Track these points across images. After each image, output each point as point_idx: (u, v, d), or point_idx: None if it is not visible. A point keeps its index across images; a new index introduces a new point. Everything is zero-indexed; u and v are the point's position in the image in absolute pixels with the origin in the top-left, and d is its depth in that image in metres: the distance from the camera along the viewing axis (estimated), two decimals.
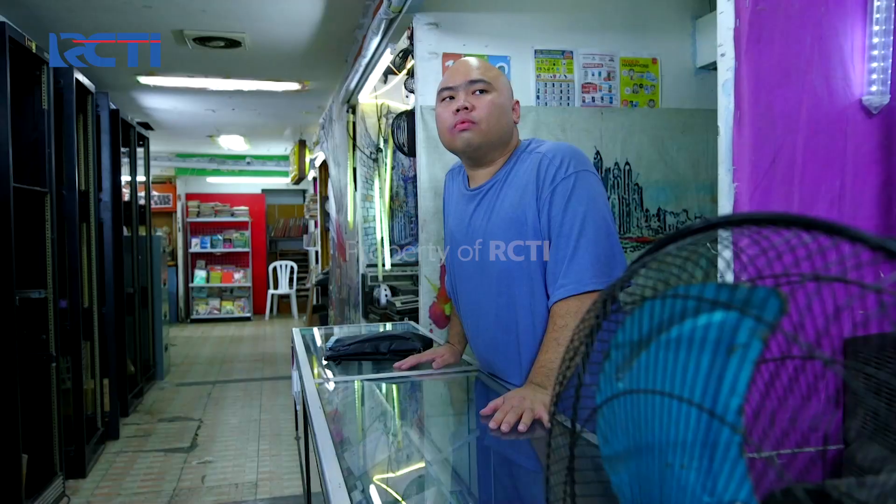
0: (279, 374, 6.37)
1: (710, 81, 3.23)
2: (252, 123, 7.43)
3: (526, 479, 1.37)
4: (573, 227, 1.50)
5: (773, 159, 0.94)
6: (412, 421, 1.73)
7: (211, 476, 3.71)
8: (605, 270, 1.48)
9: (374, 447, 1.49)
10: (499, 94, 1.67)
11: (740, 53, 0.93)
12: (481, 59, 1.78)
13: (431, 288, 2.90)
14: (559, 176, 1.55)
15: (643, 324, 0.49)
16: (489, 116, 1.65)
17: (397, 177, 4.89)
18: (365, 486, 1.20)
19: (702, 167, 3.20)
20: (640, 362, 0.48)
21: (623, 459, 0.49)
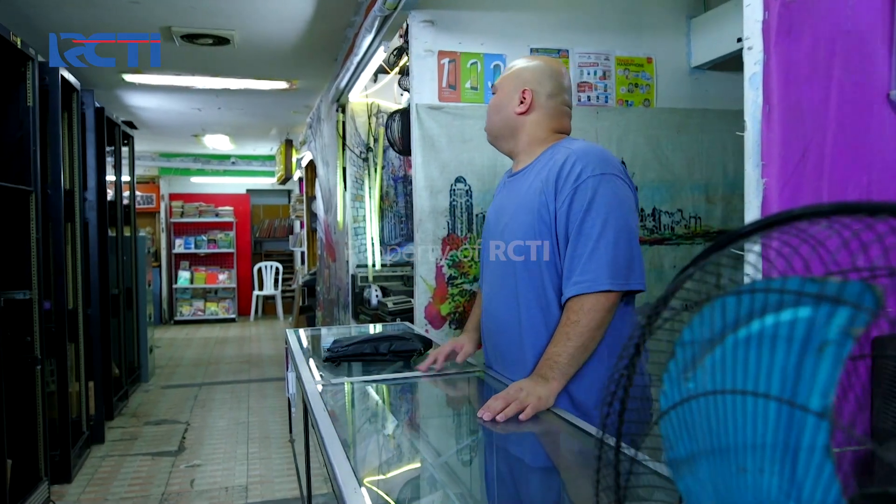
0: (266, 377, 6.30)
1: (704, 81, 3.24)
2: (238, 123, 7.35)
3: (536, 477, 1.35)
4: (594, 226, 1.50)
5: (802, 155, 0.93)
6: (416, 422, 1.70)
7: (200, 480, 3.64)
8: (622, 273, 1.48)
9: (381, 448, 1.46)
10: (500, 92, 1.80)
11: (769, 46, 0.92)
12: (512, 67, 1.83)
13: (427, 288, 2.87)
14: (584, 174, 1.55)
15: (714, 321, 0.47)
16: (490, 114, 1.84)
17: (387, 176, 4.86)
18: (377, 489, 1.17)
19: (696, 167, 3.21)
20: (713, 361, 0.46)
21: (691, 465, 0.46)
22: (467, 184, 2.91)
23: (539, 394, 1.42)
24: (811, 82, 0.91)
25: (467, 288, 2.91)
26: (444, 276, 2.88)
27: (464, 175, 2.90)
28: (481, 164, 2.92)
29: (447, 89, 2.89)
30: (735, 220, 3.27)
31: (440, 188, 2.88)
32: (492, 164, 2.92)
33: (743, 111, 2.99)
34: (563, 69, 1.81)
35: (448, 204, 2.89)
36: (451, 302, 2.89)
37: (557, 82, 1.75)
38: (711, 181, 3.23)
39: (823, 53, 0.91)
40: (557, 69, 1.77)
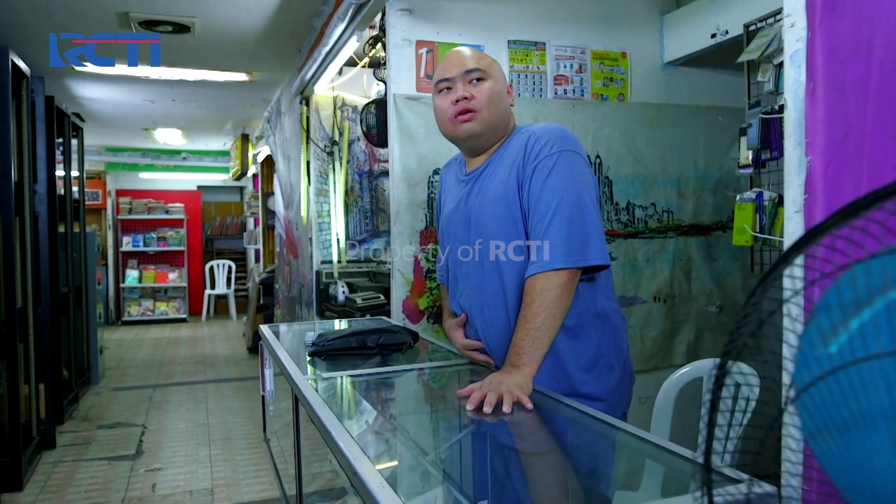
0: (223, 377, 6.13)
1: (676, 77, 3.27)
2: (192, 116, 7.13)
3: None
4: (549, 204, 1.52)
5: (844, 133, 0.91)
6: (419, 413, 1.66)
7: (162, 484, 3.50)
8: (577, 249, 1.49)
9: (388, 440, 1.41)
10: (495, 81, 1.70)
11: (814, 23, 0.90)
12: (472, 49, 1.77)
13: (405, 282, 2.82)
14: (543, 153, 1.57)
15: (858, 284, 0.44)
16: (489, 104, 1.67)
17: (352, 171, 4.78)
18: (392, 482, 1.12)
19: (668, 161, 3.24)
20: (863, 324, 0.43)
21: (837, 435, 0.43)
22: None
23: (516, 382, 1.40)
24: (853, 60, 0.90)
25: None
26: (423, 270, 2.84)
27: (441, 167, 2.85)
28: None
29: (425, 79, 2.84)
30: (705, 215, 3.32)
31: (418, 180, 2.83)
32: None
33: (715, 107, 3.03)
34: None
35: (426, 196, 2.84)
36: (430, 296, 2.84)
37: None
38: (683, 176, 3.27)
39: (865, 31, 0.90)
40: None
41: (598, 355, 1.61)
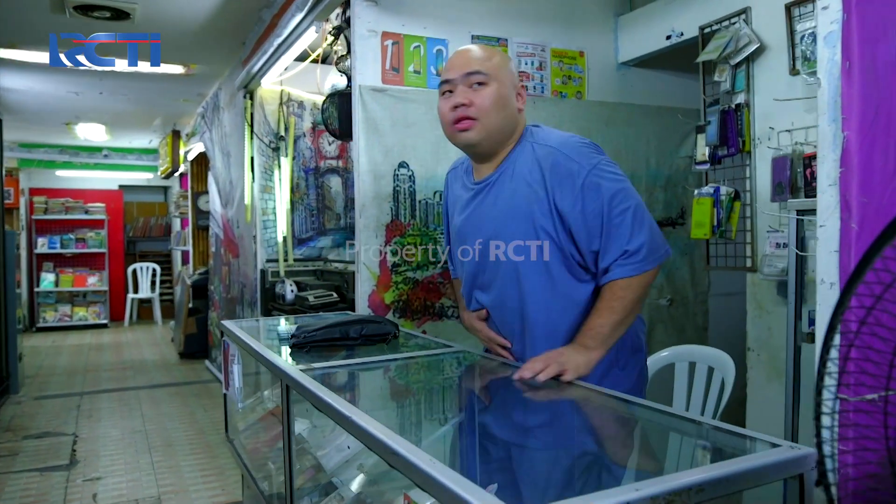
0: (155, 383, 5.86)
1: (630, 77, 3.37)
2: (119, 111, 6.79)
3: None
4: (623, 215, 1.53)
5: (876, 111, 0.96)
6: (431, 397, 1.64)
7: (104, 494, 3.31)
8: (660, 248, 1.56)
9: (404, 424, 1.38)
10: (500, 85, 1.60)
11: (850, 6, 0.95)
12: (483, 47, 1.68)
13: (371, 276, 2.78)
14: (582, 172, 1.54)
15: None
16: (489, 111, 1.58)
17: (298, 168, 4.68)
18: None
19: (623, 159, 3.32)
20: None
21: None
22: (410, 169, 2.85)
23: (578, 361, 1.42)
24: (884, 41, 0.95)
25: (411, 276, 2.85)
26: (388, 264, 2.80)
27: (407, 160, 2.84)
28: (424, 150, 2.86)
29: (391, 71, 2.81)
30: (657, 211, 3.43)
31: (384, 173, 2.79)
32: (434, 149, 2.88)
33: (667, 107, 3.13)
34: None
35: (391, 189, 2.81)
36: (395, 290, 2.81)
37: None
38: (636, 173, 3.36)
39: (892, 13, 0.95)
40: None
41: (616, 357, 1.61)
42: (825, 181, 0.98)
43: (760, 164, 2.58)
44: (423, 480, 0.92)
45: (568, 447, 1.23)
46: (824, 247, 0.98)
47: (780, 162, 2.44)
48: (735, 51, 2.59)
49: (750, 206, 2.63)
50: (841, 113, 0.95)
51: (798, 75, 2.42)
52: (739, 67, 2.63)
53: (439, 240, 2.91)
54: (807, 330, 1.89)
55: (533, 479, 1.09)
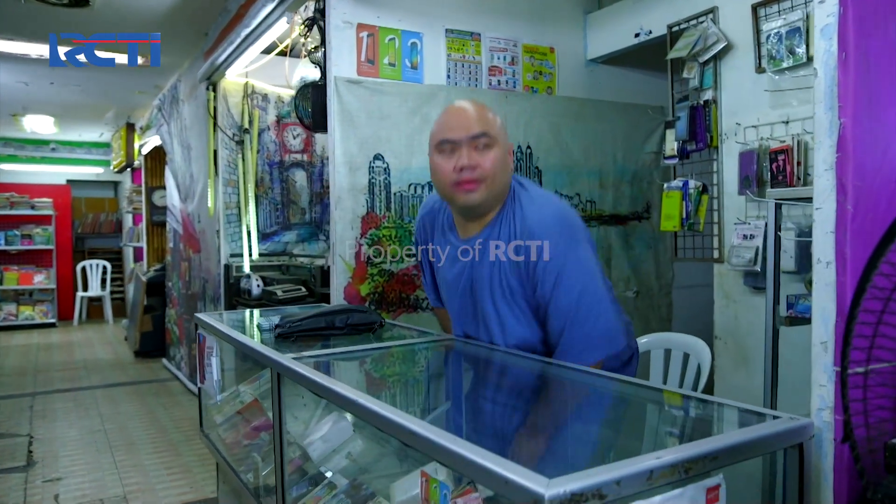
0: (110, 382, 5.70)
1: (599, 74, 3.44)
2: (70, 102, 6.57)
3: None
4: (570, 305, 1.54)
5: (868, 99, 1.02)
6: (426, 380, 1.65)
7: (66, 494, 3.21)
8: (605, 343, 1.58)
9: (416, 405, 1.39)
10: (502, 147, 1.61)
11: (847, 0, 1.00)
12: (479, 106, 1.64)
13: (346, 268, 2.77)
14: (556, 265, 1.54)
15: None
16: (495, 175, 1.58)
17: (262, 161, 4.61)
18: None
19: (591, 154, 3.40)
20: None
21: None
22: (385, 161, 2.85)
23: None
24: (875, 35, 1.01)
25: (386, 268, 2.85)
26: (364, 256, 2.80)
27: (382, 152, 2.84)
28: (399, 142, 2.87)
29: (366, 63, 2.81)
30: (623, 205, 3.51)
31: (359, 165, 2.79)
32: (409, 142, 2.89)
33: (633, 104, 3.22)
34: None
35: (367, 181, 2.81)
36: (371, 282, 2.81)
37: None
38: (604, 168, 3.44)
39: (884, 8, 1.01)
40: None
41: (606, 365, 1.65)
42: (822, 166, 1.03)
43: (727, 158, 2.67)
44: (447, 456, 0.93)
45: (578, 422, 1.26)
46: (821, 228, 1.03)
47: (748, 156, 2.53)
48: (703, 49, 2.67)
49: (717, 199, 2.72)
50: (838, 101, 1.00)
51: (764, 73, 2.51)
52: (707, 65, 2.71)
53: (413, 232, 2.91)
54: (784, 314, 1.97)
55: (552, 452, 1.12)
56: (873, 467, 1.00)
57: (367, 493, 1.50)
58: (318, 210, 4.83)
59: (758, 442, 0.95)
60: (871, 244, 1.01)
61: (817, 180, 1.04)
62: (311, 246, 4.79)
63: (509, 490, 0.80)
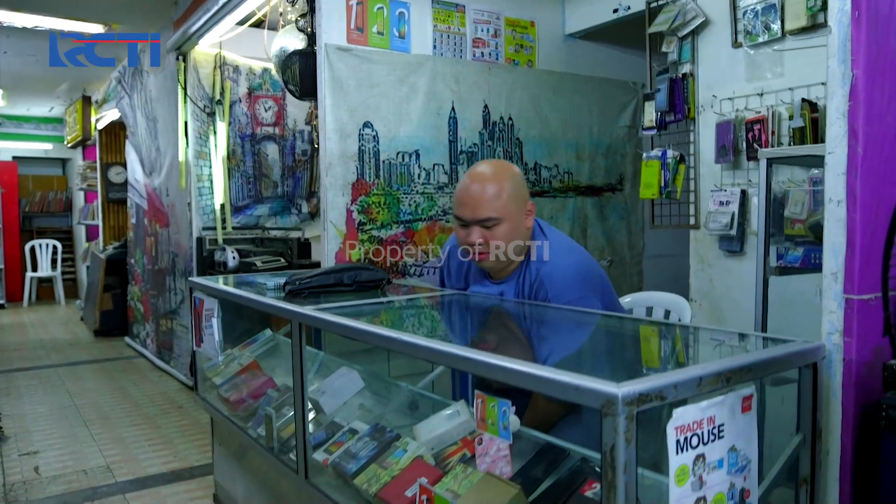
0: (73, 360, 5.58)
1: (576, 49, 3.54)
2: (22, 73, 6.33)
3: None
4: None
5: (877, 54, 1.13)
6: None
7: (46, 466, 3.17)
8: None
9: None
10: (510, 219, 1.72)
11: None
12: (494, 179, 1.72)
13: (337, 234, 2.81)
14: (564, 301, 1.67)
15: None
16: (503, 246, 1.73)
17: (234, 134, 4.58)
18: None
19: (569, 126, 3.51)
20: None
21: None
22: (374, 129, 2.89)
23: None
24: None
25: (376, 234, 2.90)
26: (355, 222, 2.84)
27: (371, 120, 2.88)
28: (387, 111, 2.91)
29: (355, 31, 2.84)
30: (598, 177, 3.63)
31: (349, 132, 2.82)
32: (397, 110, 2.94)
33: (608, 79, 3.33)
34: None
35: (357, 148, 2.85)
36: (361, 248, 2.86)
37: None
38: (580, 140, 3.55)
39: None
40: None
41: None
42: (835, 114, 1.14)
43: (704, 129, 2.80)
44: (516, 377, 1.01)
45: (612, 349, 1.36)
46: (832, 171, 1.14)
47: (724, 127, 2.67)
48: (682, 24, 2.79)
49: (694, 168, 2.86)
50: (850, 55, 1.11)
51: (740, 48, 2.65)
52: (685, 40, 2.84)
53: (402, 200, 2.97)
54: (774, 264, 2.12)
55: (600, 369, 1.21)
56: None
57: (391, 435, 1.57)
58: (291, 184, 4.82)
59: (782, 359, 1.06)
60: (877, 183, 1.13)
61: (830, 127, 1.15)
62: (284, 219, 4.79)
63: (581, 395, 0.88)
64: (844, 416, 1.14)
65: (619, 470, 0.83)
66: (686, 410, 0.91)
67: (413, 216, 2.99)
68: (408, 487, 1.35)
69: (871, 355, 1.16)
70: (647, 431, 0.88)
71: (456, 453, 1.45)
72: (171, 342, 4.97)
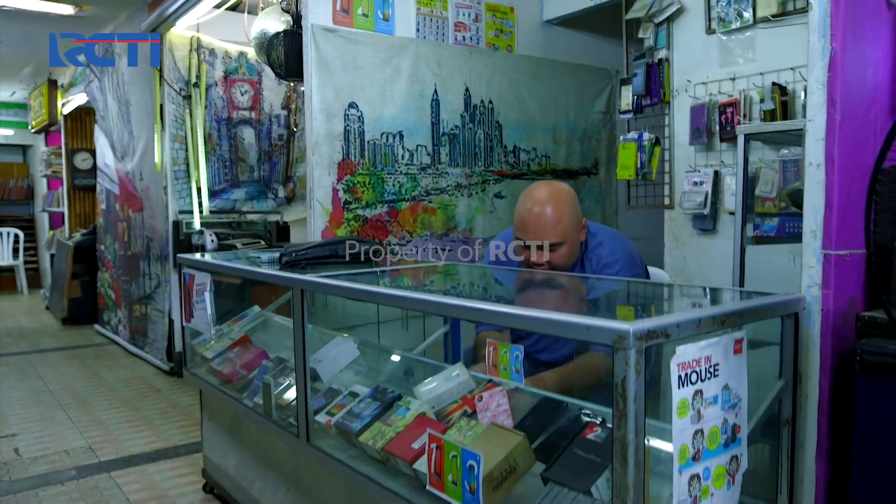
0: (43, 348, 5.50)
1: (554, 35, 3.63)
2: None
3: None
4: None
5: (854, 29, 1.23)
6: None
7: (26, 448, 3.15)
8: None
9: None
10: (569, 243, 1.84)
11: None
12: (555, 205, 1.81)
13: (324, 212, 2.85)
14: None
15: None
16: (565, 263, 1.85)
17: (210, 117, 4.56)
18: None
19: (547, 111, 3.59)
20: None
21: None
22: (359, 110, 2.93)
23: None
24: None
25: (361, 213, 2.95)
26: (341, 201, 2.89)
27: (356, 101, 2.92)
28: (372, 92, 2.96)
29: (341, 13, 2.87)
30: (574, 161, 3.73)
31: (335, 112, 2.86)
32: (381, 91, 2.98)
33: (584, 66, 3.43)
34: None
35: (342, 128, 2.89)
36: (347, 226, 2.90)
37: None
38: (557, 125, 3.64)
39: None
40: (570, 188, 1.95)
41: None
42: (815, 84, 1.23)
43: (678, 112, 2.91)
44: (533, 323, 1.08)
45: (611, 300, 1.45)
46: (812, 136, 1.24)
47: (698, 110, 2.79)
48: (659, 10, 2.90)
49: (669, 150, 2.97)
50: (829, 30, 1.21)
51: (714, 34, 2.76)
52: (661, 26, 2.94)
53: (387, 180, 3.02)
54: (751, 234, 2.23)
55: (608, 313, 1.29)
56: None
57: (393, 395, 1.63)
58: (267, 168, 4.82)
59: (768, 307, 1.16)
60: (853, 148, 1.23)
61: (810, 97, 1.24)
62: (260, 204, 4.79)
63: (597, 334, 0.96)
64: (822, 362, 1.24)
65: (630, 399, 0.91)
66: (687, 348, 0.99)
67: (397, 196, 3.05)
68: (414, 440, 1.42)
69: (846, 306, 1.26)
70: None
71: (457, 410, 1.52)
72: (145, 328, 4.94)
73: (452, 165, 3.23)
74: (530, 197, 1.86)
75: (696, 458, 1.04)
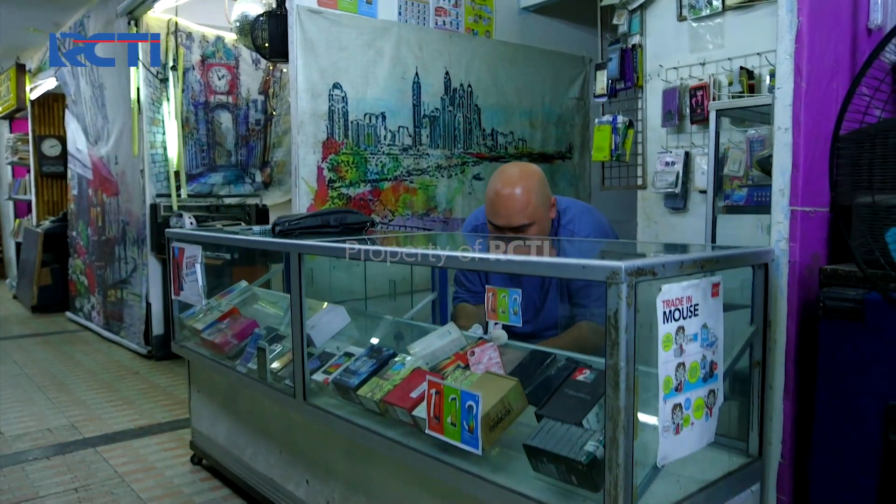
0: (14, 334, 5.44)
1: (530, 22, 3.73)
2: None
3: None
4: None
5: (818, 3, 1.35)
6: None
7: (8, 427, 3.16)
8: None
9: None
10: (539, 222, 1.91)
11: None
12: (523, 188, 1.87)
13: (309, 190, 2.91)
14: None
15: None
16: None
17: (187, 101, 4.56)
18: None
19: (524, 96, 3.69)
20: None
21: None
22: (343, 90, 3.00)
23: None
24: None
25: (345, 192, 3.01)
26: (325, 179, 2.95)
27: (340, 82, 2.98)
28: (355, 73, 3.02)
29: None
30: (550, 145, 3.85)
31: (320, 92, 2.92)
32: (364, 73, 3.05)
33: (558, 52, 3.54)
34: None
35: (327, 108, 2.95)
36: (332, 204, 2.97)
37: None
38: (533, 110, 3.75)
39: None
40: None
41: None
42: (783, 54, 1.34)
43: (651, 96, 3.03)
44: (539, 268, 1.17)
45: (593, 250, 1.55)
46: (781, 103, 1.35)
47: (670, 93, 2.91)
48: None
49: (641, 133, 3.09)
50: (797, 4, 1.32)
51: (685, 21, 2.89)
52: (635, 13, 3.06)
53: (370, 159, 3.09)
54: (722, 203, 2.36)
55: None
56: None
57: (388, 353, 1.71)
58: (244, 153, 4.84)
59: (742, 255, 1.28)
60: (818, 113, 1.35)
61: (779, 67, 1.35)
62: (238, 188, 4.81)
63: (593, 272, 1.05)
64: (790, 309, 1.36)
65: (622, 329, 1.01)
66: (671, 287, 1.10)
67: (380, 176, 3.12)
68: (412, 390, 1.50)
69: (810, 259, 1.38)
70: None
71: (450, 365, 1.61)
72: (121, 312, 4.93)
73: (433, 147, 3.31)
74: (499, 182, 1.91)
75: (678, 388, 1.14)
